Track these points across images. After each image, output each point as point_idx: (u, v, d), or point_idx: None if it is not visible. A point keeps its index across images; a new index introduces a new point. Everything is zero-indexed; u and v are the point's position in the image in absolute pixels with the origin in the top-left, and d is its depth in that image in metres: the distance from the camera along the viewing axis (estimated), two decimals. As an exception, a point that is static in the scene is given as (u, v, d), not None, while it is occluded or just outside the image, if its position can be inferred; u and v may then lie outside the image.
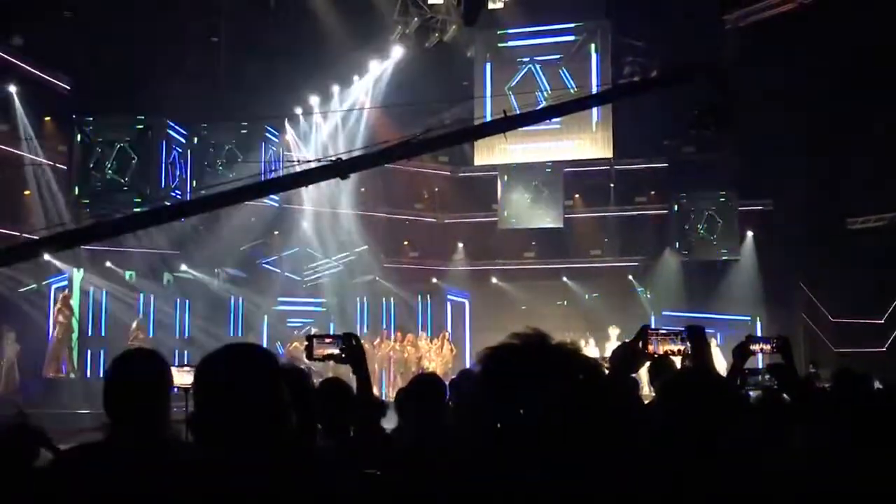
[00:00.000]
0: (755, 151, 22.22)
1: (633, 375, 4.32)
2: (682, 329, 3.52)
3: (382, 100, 23.23)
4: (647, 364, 3.68)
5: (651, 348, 3.21)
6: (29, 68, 19.53)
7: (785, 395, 4.44)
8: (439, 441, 4.53)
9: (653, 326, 3.27)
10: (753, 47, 20.23)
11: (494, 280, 27.00)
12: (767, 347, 4.39)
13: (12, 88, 19.39)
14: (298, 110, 23.56)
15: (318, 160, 6.65)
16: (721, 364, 8.64)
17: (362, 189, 25.21)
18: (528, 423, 1.32)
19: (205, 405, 1.92)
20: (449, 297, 26.21)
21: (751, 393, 4.72)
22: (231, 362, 1.96)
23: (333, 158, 7.26)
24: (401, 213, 27.57)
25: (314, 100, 23.58)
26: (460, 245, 27.94)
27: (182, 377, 5.41)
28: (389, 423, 5.09)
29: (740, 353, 4.28)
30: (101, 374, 19.07)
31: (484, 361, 1.43)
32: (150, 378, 2.64)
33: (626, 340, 3.34)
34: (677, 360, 4.71)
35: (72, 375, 18.88)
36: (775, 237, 23.78)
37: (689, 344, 3.53)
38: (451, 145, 15.11)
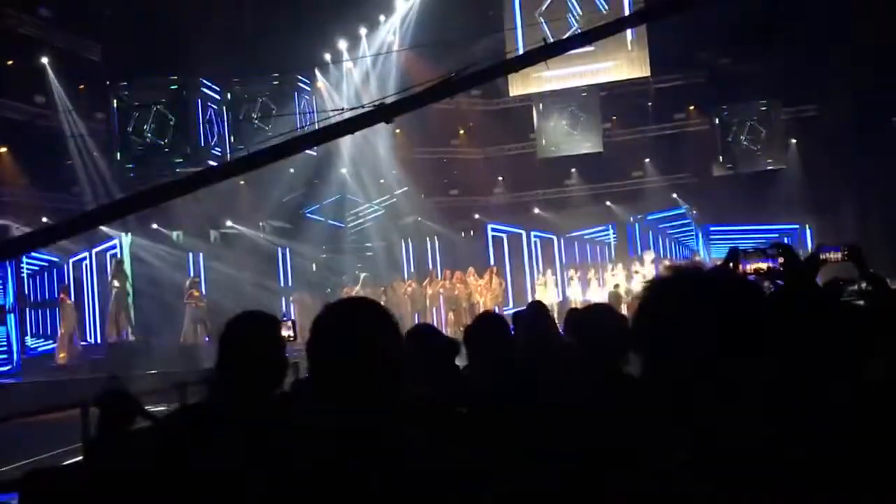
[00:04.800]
0: (796, 57, 21.64)
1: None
2: (770, 246, 3.44)
3: (410, 37, 22.92)
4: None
5: (742, 269, 3.15)
6: (59, 38, 19.57)
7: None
8: (512, 376, 4.56)
9: (740, 247, 3.20)
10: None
11: (537, 210, 26.88)
12: (838, 256, 4.28)
13: (44, 60, 19.47)
14: (328, 57, 23.36)
15: (362, 107, 6.58)
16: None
17: (397, 131, 25.07)
18: (697, 353, 1.32)
19: (328, 362, 1.90)
20: (492, 231, 26.15)
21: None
22: (356, 317, 1.94)
23: (376, 103, 7.15)
24: (438, 151, 27.45)
25: (343, 45, 23.35)
26: (500, 178, 27.80)
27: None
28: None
29: (811, 264, 4.17)
30: (153, 334, 19.48)
31: (646, 294, 1.43)
32: (267, 336, 2.73)
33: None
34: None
35: (131, 338, 19.21)
36: (821, 142, 23.30)
37: (779, 261, 3.44)
38: (492, 79, 14.89)
